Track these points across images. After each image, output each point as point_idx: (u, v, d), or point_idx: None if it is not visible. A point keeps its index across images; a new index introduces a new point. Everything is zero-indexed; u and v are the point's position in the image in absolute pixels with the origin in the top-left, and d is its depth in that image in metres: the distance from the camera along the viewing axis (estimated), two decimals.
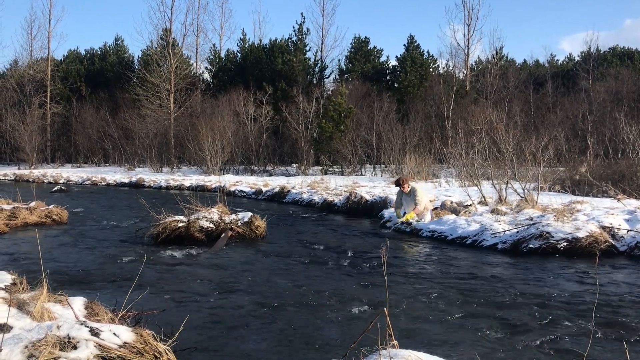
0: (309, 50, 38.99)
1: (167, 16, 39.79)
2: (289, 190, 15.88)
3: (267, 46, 39.37)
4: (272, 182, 19.67)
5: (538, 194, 9.97)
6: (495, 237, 7.21)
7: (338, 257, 6.51)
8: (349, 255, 6.64)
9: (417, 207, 8.89)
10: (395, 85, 36.73)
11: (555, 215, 7.38)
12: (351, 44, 40.04)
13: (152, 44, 40.44)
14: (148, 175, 27.09)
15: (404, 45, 38.34)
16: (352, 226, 9.83)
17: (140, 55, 43.26)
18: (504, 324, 3.91)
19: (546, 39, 78.72)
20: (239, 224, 7.90)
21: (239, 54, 41.25)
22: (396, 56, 38.29)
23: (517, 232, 7.11)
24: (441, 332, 3.75)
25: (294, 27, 39.00)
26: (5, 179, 30.32)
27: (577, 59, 39.59)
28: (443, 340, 3.58)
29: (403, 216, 8.99)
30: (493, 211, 8.80)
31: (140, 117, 35.58)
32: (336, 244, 7.52)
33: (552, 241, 6.71)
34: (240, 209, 9.67)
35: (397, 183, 9.36)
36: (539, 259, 6.40)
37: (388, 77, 38.90)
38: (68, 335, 2.66)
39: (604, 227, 6.96)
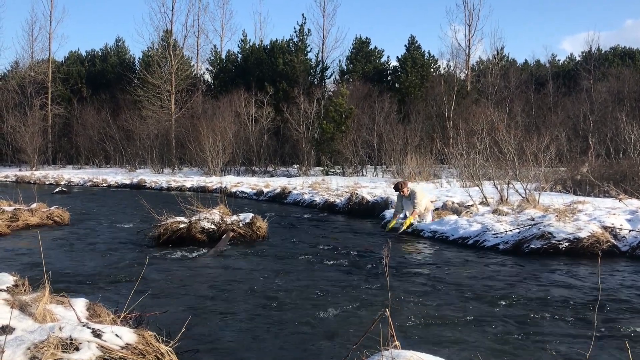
0: (310, 51, 39.06)
1: (167, 17, 39.95)
2: (290, 191, 15.88)
3: (268, 47, 39.40)
4: (273, 183, 19.67)
5: (539, 194, 9.96)
6: (496, 237, 7.21)
7: (340, 257, 6.50)
8: (351, 256, 6.63)
9: (416, 209, 8.85)
10: (396, 85, 36.75)
11: (556, 216, 7.37)
12: (352, 44, 40.12)
13: (153, 45, 40.54)
14: (149, 177, 27.11)
15: (405, 45, 38.42)
16: (353, 227, 9.83)
17: (141, 57, 43.33)
18: (506, 324, 3.91)
19: (547, 39, 78.79)
20: (240, 224, 7.90)
21: (239, 55, 41.28)
22: (397, 57, 38.35)
23: (519, 232, 7.10)
24: (443, 332, 3.75)
25: (295, 28, 39.08)
26: (6, 181, 30.35)
27: (578, 59, 39.58)
28: (445, 340, 3.58)
29: (404, 219, 8.97)
30: (494, 211, 8.79)
31: (141, 118, 35.61)
32: (338, 244, 7.51)
33: (553, 241, 6.70)
34: (242, 210, 9.67)
35: (397, 187, 9.28)
36: (541, 259, 6.40)
37: (389, 78, 38.92)
38: (70, 336, 2.66)
39: (605, 227, 6.95)
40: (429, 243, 7.81)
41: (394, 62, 39.53)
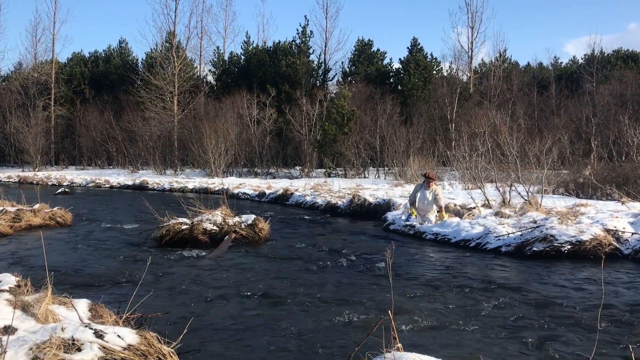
0: (313, 52, 39.07)
1: (171, 19, 39.85)
2: (292, 193, 15.89)
3: (271, 49, 39.42)
4: (276, 185, 19.68)
5: (542, 196, 9.94)
6: (499, 239, 7.19)
7: (342, 259, 6.50)
8: (353, 258, 6.63)
9: (442, 204, 9.04)
10: (399, 87, 36.72)
11: (559, 218, 7.36)
12: (354, 46, 40.11)
13: (156, 46, 40.58)
14: (152, 178, 27.13)
15: (408, 47, 38.40)
16: (355, 229, 9.82)
17: (144, 58, 43.46)
18: (509, 327, 3.90)
19: (550, 41, 78.52)
20: (243, 226, 7.90)
21: (242, 57, 41.34)
22: (400, 59, 38.34)
23: (521, 235, 7.09)
24: (446, 335, 3.74)
25: (297, 30, 39.27)
26: (9, 181, 30.40)
27: (580, 61, 39.50)
28: (447, 343, 3.57)
29: (410, 215, 9.15)
30: (497, 214, 8.78)
31: (144, 119, 35.66)
32: (340, 246, 7.51)
33: (556, 244, 6.69)
34: (244, 211, 9.67)
35: (427, 176, 9.29)
36: (543, 262, 6.38)
37: (391, 80, 38.91)
38: (72, 337, 2.66)
39: (608, 230, 6.94)
40: (431, 245, 7.80)
41: (396, 64, 39.56)
